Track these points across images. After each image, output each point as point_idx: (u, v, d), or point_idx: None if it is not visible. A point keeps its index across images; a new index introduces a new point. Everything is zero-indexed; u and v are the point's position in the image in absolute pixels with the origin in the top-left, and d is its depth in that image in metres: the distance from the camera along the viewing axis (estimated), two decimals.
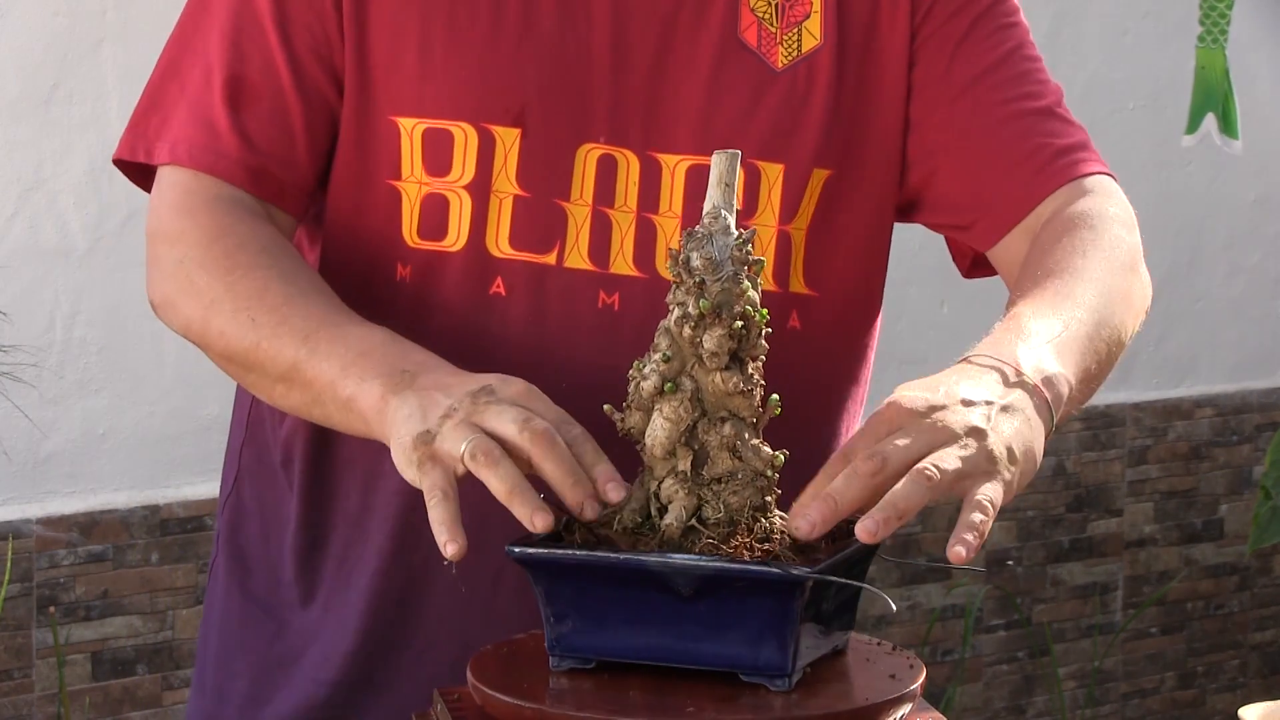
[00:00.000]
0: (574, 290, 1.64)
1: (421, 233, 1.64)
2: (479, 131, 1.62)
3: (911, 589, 4.34)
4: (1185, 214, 4.63)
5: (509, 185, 1.63)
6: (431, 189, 1.63)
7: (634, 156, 1.64)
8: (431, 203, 1.63)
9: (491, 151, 1.62)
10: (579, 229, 1.64)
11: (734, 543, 1.35)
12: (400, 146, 1.63)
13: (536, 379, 1.52)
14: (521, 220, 1.63)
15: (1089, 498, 4.57)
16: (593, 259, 1.64)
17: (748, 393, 1.38)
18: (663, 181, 1.64)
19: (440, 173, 1.63)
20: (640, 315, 1.62)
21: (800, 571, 1.30)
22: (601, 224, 1.64)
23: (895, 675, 1.37)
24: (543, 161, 1.63)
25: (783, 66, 1.67)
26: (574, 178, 1.63)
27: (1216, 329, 4.71)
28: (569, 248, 1.64)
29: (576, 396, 1.57)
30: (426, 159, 1.63)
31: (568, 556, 1.36)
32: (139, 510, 3.51)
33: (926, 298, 4.30)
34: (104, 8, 3.35)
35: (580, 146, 1.63)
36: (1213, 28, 3.53)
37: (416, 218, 1.64)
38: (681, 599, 1.32)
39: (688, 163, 1.64)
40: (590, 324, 1.64)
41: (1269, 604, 4.90)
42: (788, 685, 1.33)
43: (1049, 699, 4.57)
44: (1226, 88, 3.49)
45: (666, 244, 1.64)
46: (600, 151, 1.64)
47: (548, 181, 1.63)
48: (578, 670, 1.37)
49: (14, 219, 3.37)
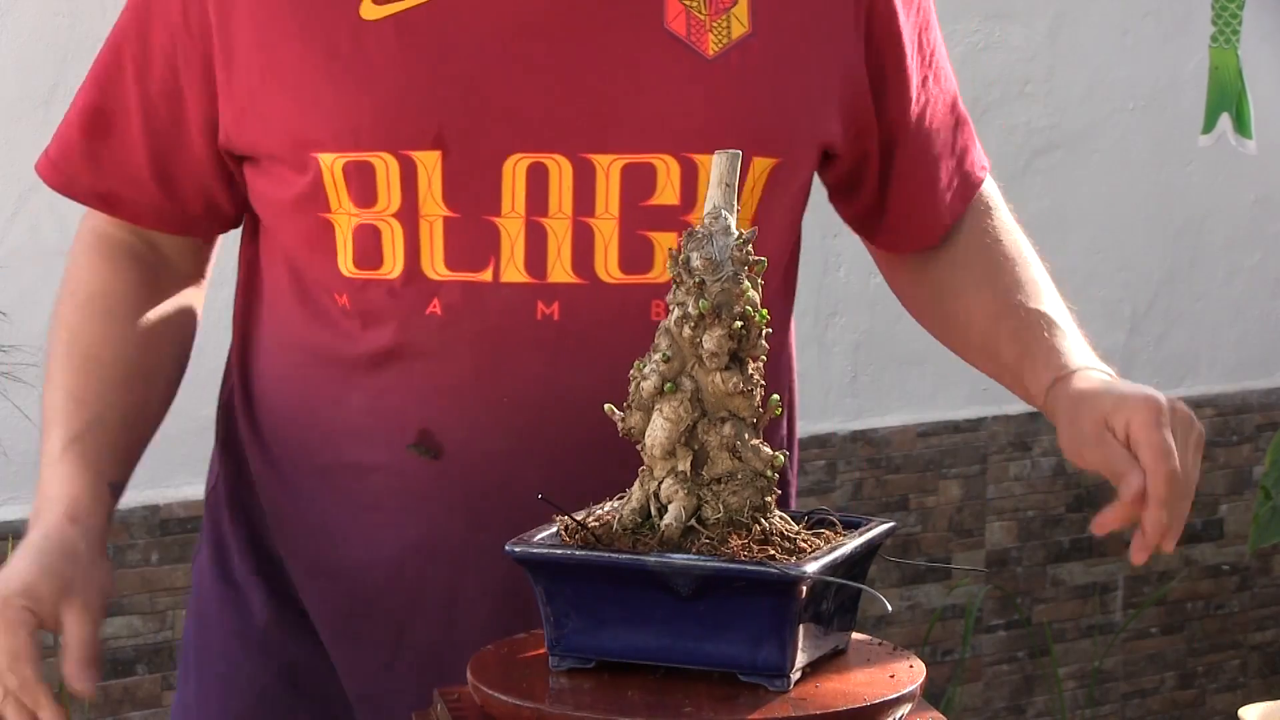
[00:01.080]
0: (512, 304, 1.62)
1: (357, 263, 1.63)
2: (399, 159, 1.59)
3: (911, 589, 4.34)
4: (1185, 214, 4.63)
5: (437, 208, 1.60)
6: (361, 220, 1.61)
7: (565, 161, 1.60)
8: (363, 233, 1.62)
9: (414, 177, 1.60)
10: (513, 242, 1.61)
11: (733, 543, 1.35)
12: (324, 181, 1.61)
13: (478, 396, 1.52)
14: (454, 241, 1.61)
15: (1089, 498, 4.57)
16: (530, 270, 1.61)
17: (748, 393, 1.38)
18: (597, 183, 1.61)
19: (367, 204, 1.61)
20: (582, 323, 1.61)
21: (797, 571, 1.30)
22: (536, 234, 1.61)
23: (895, 675, 1.37)
24: (468, 180, 1.60)
25: (714, 54, 1.63)
26: (504, 191, 1.60)
27: (1216, 329, 4.71)
28: (505, 262, 1.61)
29: (521, 410, 1.57)
30: (352, 192, 1.61)
31: (568, 556, 1.36)
32: (139, 510, 3.51)
33: None
34: (104, 8, 3.35)
35: (506, 159, 1.60)
36: (1225, 28, 3.52)
37: (351, 249, 1.63)
38: (681, 599, 1.32)
39: (622, 162, 1.61)
40: (530, 336, 1.62)
41: (1269, 604, 4.89)
42: (786, 685, 1.33)
43: (1049, 699, 4.57)
44: (1240, 87, 3.48)
45: (605, 247, 1.61)
46: (529, 161, 1.60)
47: (475, 199, 1.61)
48: (578, 670, 1.37)
49: (14, 219, 3.37)
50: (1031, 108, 4.41)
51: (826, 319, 4.22)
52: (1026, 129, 4.40)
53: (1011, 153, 4.39)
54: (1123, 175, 4.51)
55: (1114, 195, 4.51)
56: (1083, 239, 4.50)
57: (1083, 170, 4.46)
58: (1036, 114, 4.41)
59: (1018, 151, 4.40)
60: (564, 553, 1.37)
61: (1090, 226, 4.51)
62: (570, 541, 1.39)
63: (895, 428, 4.32)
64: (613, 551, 1.36)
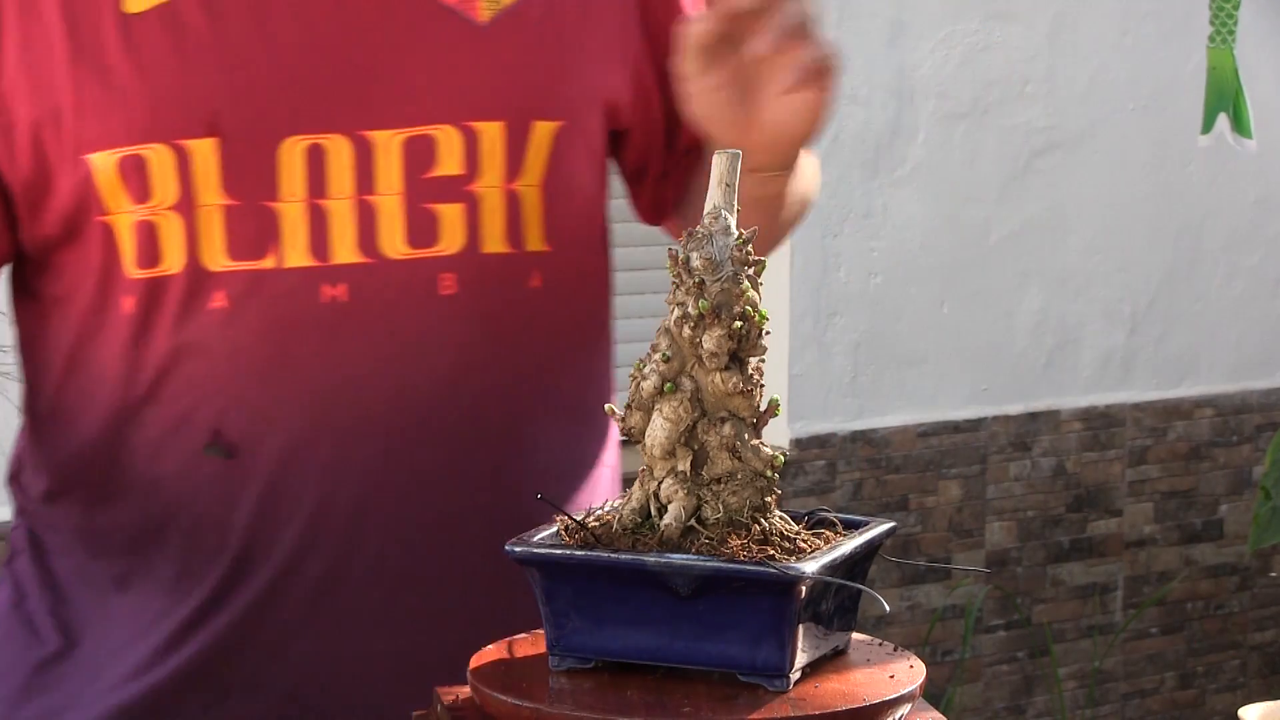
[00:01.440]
0: (296, 289, 1.58)
1: (140, 262, 1.59)
2: (173, 149, 1.56)
3: (911, 589, 4.34)
4: (1185, 214, 4.63)
5: (215, 196, 1.57)
6: (139, 216, 1.58)
7: (344, 140, 1.57)
8: (144, 230, 1.58)
9: (189, 167, 1.56)
10: (294, 226, 1.58)
11: (732, 543, 1.35)
12: (99, 182, 1.57)
13: (267, 388, 1.50)
14: (234, 229, 1.57)
15: (1089, 498, 4.57)
16: (313, 254, 1.58)
17: (747, 393, 1.39)
18: (377, 160, 1.58)
19: (144, 199, 1.57)
20: (370, 302, 1.58)
21: (797, 571, 1.30)
22: (319, 217, 1.58)
23: (895, 675, 1.37)
24: (245, 166, 1.57)
25: (487, 20, 1.61)
26: (281, 175, 1.57)
27: (1216, 329, 4.71)
28: (287, 248, 1.58)
29: (311, 397, 1.55)
30: (129, 188, 1.57)
31: (567, 556, 1.36)
32: None
33: (926, 298, 4.31)
34: None
35: (282, 142, 1.57)
36: (1221, 27, 3.53)
37: (133, 248, 1.59)
38: (680, 599, 1.33)
39: (401, 136, 1.58)
40: (317, 320, 1.58)
41: (1269, 604, 4.90)
42: (785, 686, 1.33)
43: (1049, 699, 4.57)
44: (1237, 86, 3.49)
45: (390, 223, 1.58)
46: (306, 143, 1.57)
47: (253, 185, 1.57)
48: (577, 670, 1.37)
49: None
50: (1031, 108, 4.41)
51: (826, 319, 4.22)
52: (1026, 129, 4.41)
53: (1011, 153, 4.39)
54: (1122, 175, 4.51)
55: (1114, 195, 4.51)
56: (1083, 239, 4.50)
57: (1083, 170, 4.46)
58: (1036, 114, 4.42)
59: (1018, 151, 4.40)
60: (564, 553, 1.37)
61: (1090, 226, 4.51)
62: (570, 541, 1.39)
63: (895, 428, 4.32)
64: (612, 551, 1.36)
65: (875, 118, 4.22)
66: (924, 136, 4.28)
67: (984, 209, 4.36)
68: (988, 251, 4.38)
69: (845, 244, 4.18)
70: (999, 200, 4.38)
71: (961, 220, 4.32)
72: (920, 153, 4.27)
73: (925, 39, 4.25)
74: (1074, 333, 4.50)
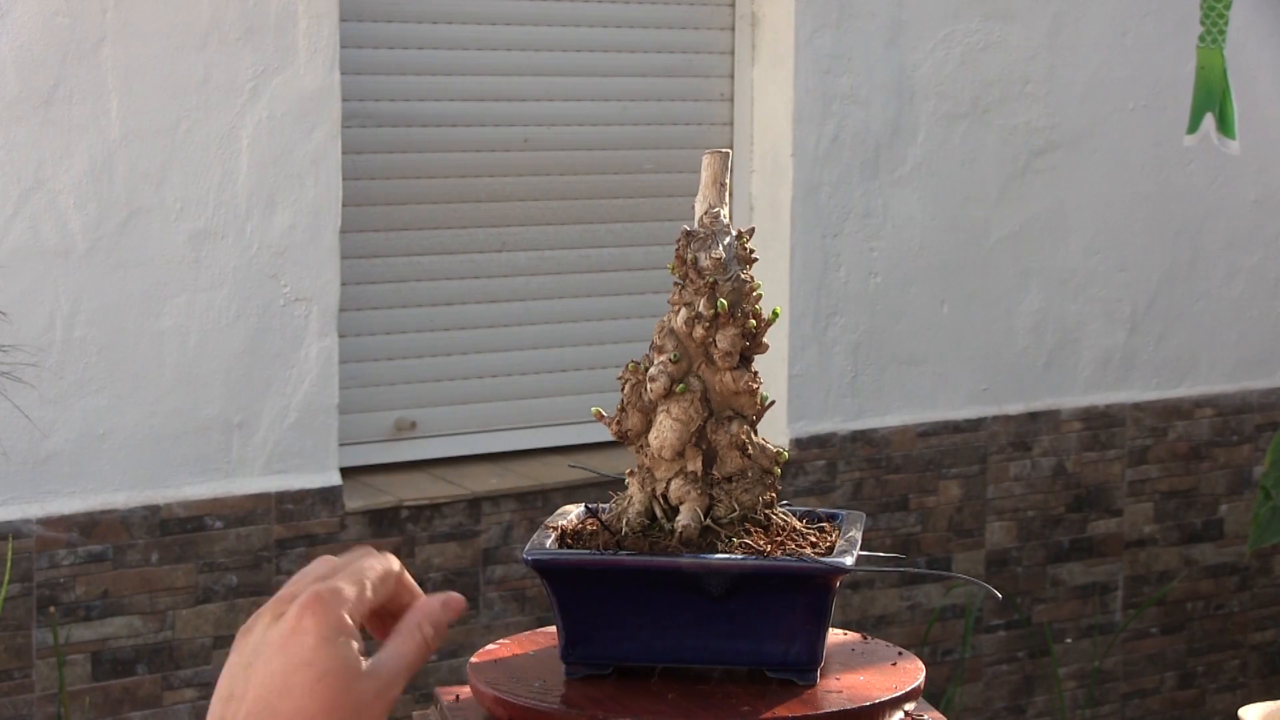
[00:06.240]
0: None
1: None
2: None
3: (911, 589, 4.34)
4: (1185, 214, 4.63)
5: None
6: None
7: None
8: None
9: None
10: None
11: (756, 540, 1.34)
12: None
13: None
14: None
15: (1089, 498, 4.57)
16: None
17: (753, 391, 1.38)
18: None
19: None
20: None
21: (837, 564, 1.30)
22: None
23: (895, 675, 1.37)
24: None
25: None
26: None
27: (1216, 329, 4.71)
28: None
29: None
30: None
31: (591, 560, 1.34)
32: (139, 510, 3.51)
33: (926, 297, 4.31)
34: (104, 8, 3.35)
35: None
36: (1212, 28, 3.53)
37: None
38: (708, 598, 1.32)
39: None
40: None
41: (1269, 604, 4.89)
42: (815, 680, 1.33)
43: (1049, 699, 4.57)
44: (1225, 87, 3.49)
45: None
46: None
47: None
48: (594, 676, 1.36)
49: (14, 219, 3.37)
50: (1031, 108, 4.41)
51: (826, 319, 4.22)
52: (1026, 129, 4.40)
53: (1011, 153, 4.39)
54: (1122, 175, 4.51)
55: (1114, 195, 4.51)
56: (1083, 239, 4.50)
57: (1082, 170, 4.46)
58: (1036, 114, 4.41)
59: (1018, 151, 4.40)
60: (588, 556, 1.35)
61: (1090, 226, 4.51)
62: (578, 546, 1.38)
63: (895, 428, 4.32)
64: (644, 554, 1.34)
65: (875, 118, 4.21)
66: (924, 136, 4.28)
67: (984, 209, 4.36)
68: (988, 251, 4.38)
69: (845, 244, 4.18)
70: (999, 200, 4.38)
71: (961, 220, 4.32)
72: (920, 153, 4.27)
73: (925, 39, 4.25)
74: (1074, 333, 4.50)
